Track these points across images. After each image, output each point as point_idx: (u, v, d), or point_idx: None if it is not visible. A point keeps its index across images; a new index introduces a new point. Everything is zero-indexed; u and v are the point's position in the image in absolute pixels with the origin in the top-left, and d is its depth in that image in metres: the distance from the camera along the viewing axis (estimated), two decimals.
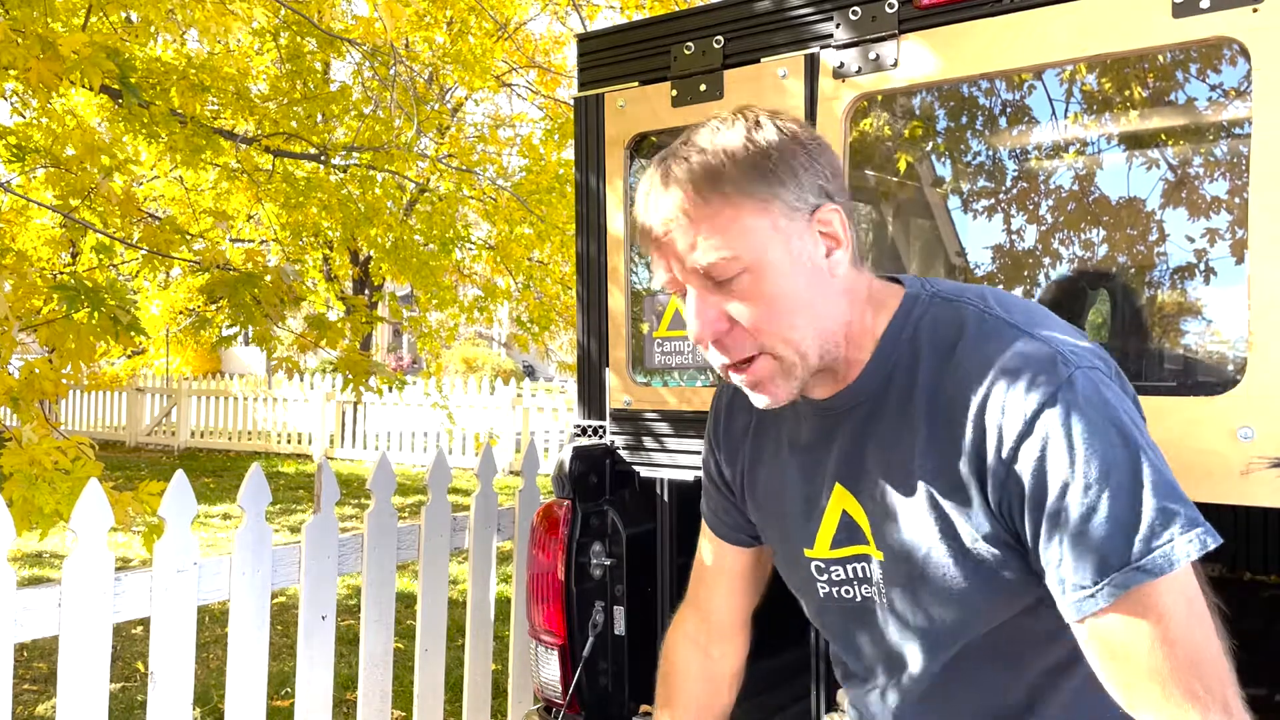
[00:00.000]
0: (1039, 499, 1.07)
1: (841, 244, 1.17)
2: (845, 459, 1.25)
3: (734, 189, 1.13)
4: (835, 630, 1.38)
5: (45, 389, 3.06)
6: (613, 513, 2.51)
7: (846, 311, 1.19)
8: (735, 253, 1.13)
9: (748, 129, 1.16)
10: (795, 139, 1.16)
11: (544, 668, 2.50)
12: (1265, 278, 1.66)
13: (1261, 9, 1.66)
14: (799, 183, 1.15)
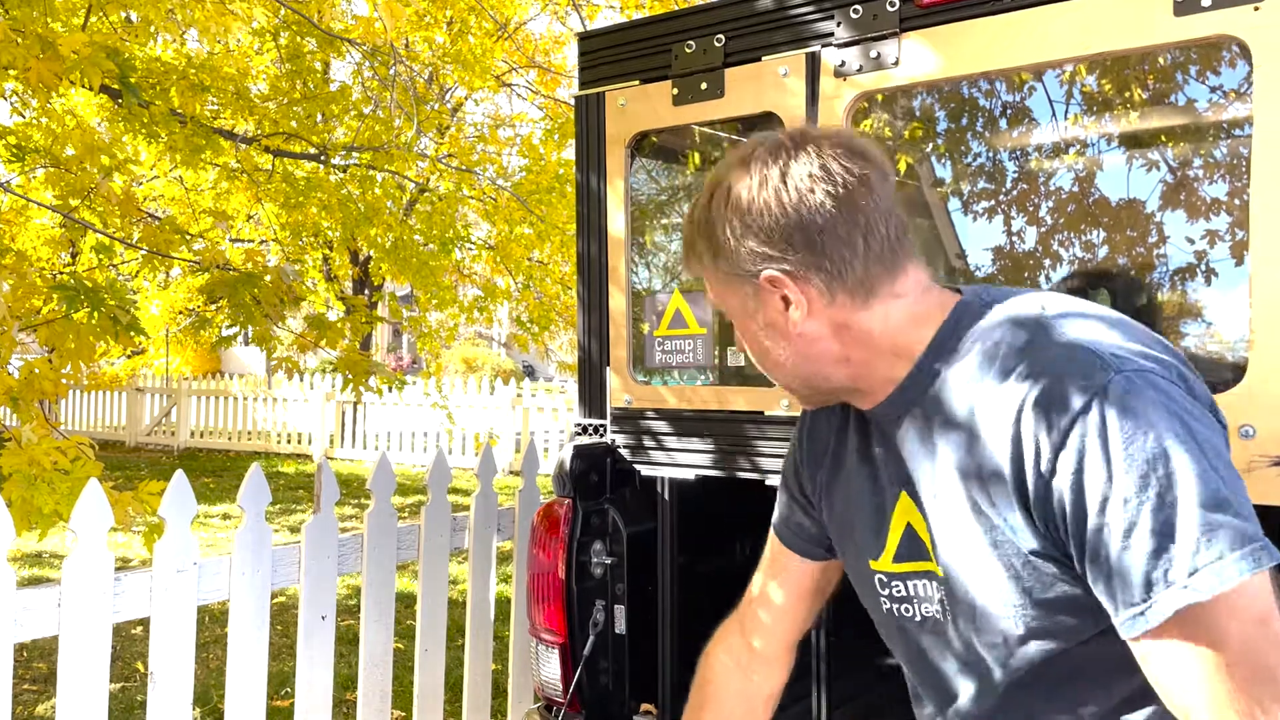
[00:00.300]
0: (1080, 514, 1.04)
1: (793, 303, 1.21)
2: (901, 469, 1.26)
3: (700, 249, 1.27)
4: (898, 648, 1.37)
5: (45, 389, 3.06)
6: (613, 512, 2.50)
7: (835, 350, 1.24)
8: (710, 296, 1.31)
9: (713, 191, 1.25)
10: (738, 203, 1.21)
11: (545, 667, 2.49)
12: (1266, 277, 1.66)
13: (1263, 8, 1.66)
14: (739, 252, 1.22)
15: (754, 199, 1.20)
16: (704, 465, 2.37)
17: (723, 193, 1.23)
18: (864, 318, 1.22)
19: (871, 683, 2.97)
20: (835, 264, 1.19)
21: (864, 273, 1.19)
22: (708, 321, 2.47)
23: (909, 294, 1.22)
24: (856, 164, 1.19)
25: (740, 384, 2.91)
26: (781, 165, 1.19)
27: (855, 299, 1.21)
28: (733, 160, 1.24)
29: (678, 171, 3.75)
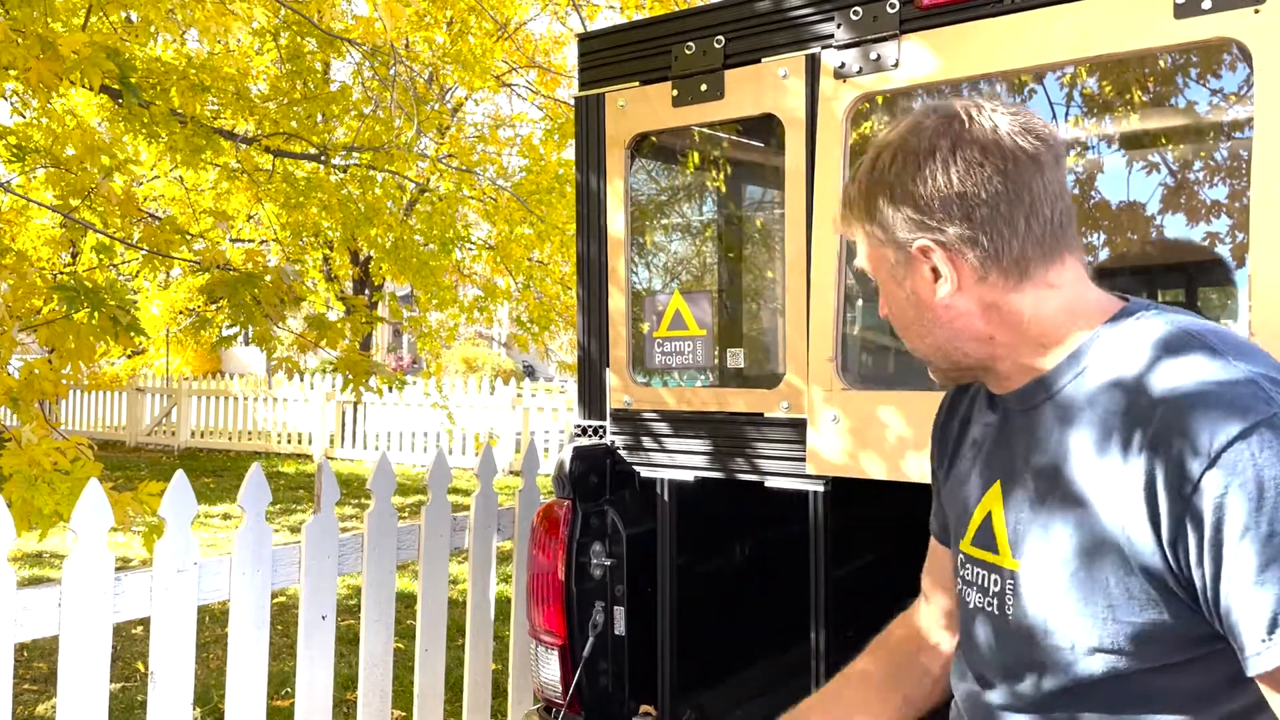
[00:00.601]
0: (1217, 541, 1.00)
1: (942, 276, 1.20)
2: (1008, 460, 1.25)
3: (857, 210, 1.26)
4: (963, 626, 1.36)
5: (45, 389, 3.06)
6: (613, 513, 2.50)
7: (980, 329, 1.22)
8: (863, 264, 1.29)
9: (878, 153, 1.23)
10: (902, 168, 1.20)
11: (544, 668, 2.49)
12: (1266, 277, 1.66)
13: (1263, 10, 1.66)
14: (896, 218, 1.21)
15: (919, 166, 1.18)
16: (703, 466, 2.37)
17: (888, 156, 1.21)
18: (1015, 300, 1.20)
19: None
20: (993, 241, 1.17)
21: (1021, 254, 1.17)
22: (707, 323, 2.47)
23: (1064, 286, 1.20)
24: (1030, 142, 1.17)
25: (740, 385, 2.91)
26: (953, 135, 1.17)
27: (1009, 280, 1.19)
28: (903, 125, 1.22)
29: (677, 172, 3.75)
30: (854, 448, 2.09)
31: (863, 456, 2.08)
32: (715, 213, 3.90)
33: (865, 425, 2.08)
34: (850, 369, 2.14)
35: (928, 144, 1.18)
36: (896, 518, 3.25)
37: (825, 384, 2.13)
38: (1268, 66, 1.66)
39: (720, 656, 2.84)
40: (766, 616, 2.93)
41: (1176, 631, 1.08)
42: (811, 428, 2.15)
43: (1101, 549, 1.10)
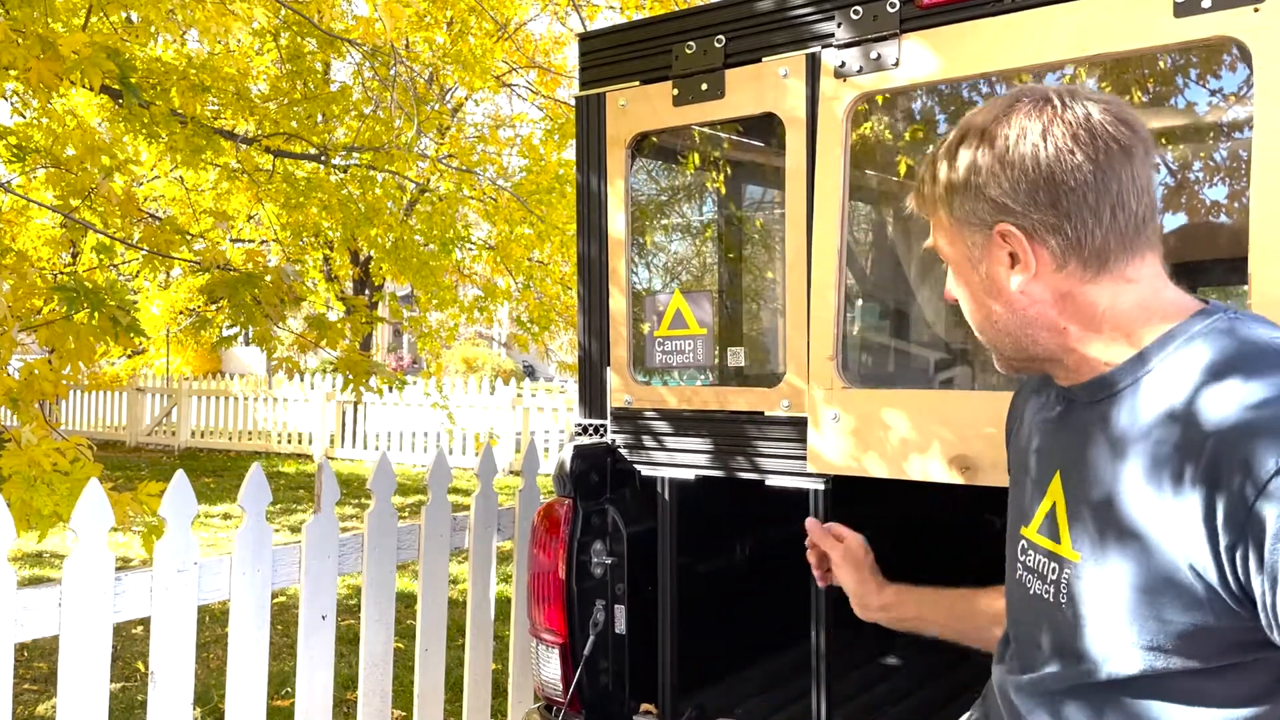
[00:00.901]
0: (1276, 552, 0.98)
1: (1021, 261, 1.20)
2: (1071, 451, 1.24)
3: (936, 190, 1.26)
4: (1013, 611, 1.37)
5: (45, 390, 3.06)
6: (614, 511, 2.51)
7: (1052, 318, 1.22)
8: (937, 245, 1.30)
9: (964, 134, 1.23)
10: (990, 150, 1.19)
11: (545, 666, 2.49)
12: (1266, 276, 1.66)
13: (1263, 9, 1.66)
14: (980, 199, 1.20)
15: (1009, 149, 1.17)
16: (704, 465, 2.37)
17: (975, 137, 1.20)
18: (1091, 291, 1.19)
19: (871, 682, 2.97)
20: (1077, 230, 1.16)
21: (1103, 245, 1.16)
22: (708, 322, 2.47)
23: (1142, 281, 1.19)
24: (1124, 133, 1.16)
25: (740, 384, 2.91)
26: (1046, 120, 1.16)
27: (1087, 270, 1.18)
28: (994, 107, 1.21)
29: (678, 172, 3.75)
30: (855, 446, 2.09)
31: (864, 455, 2.08)
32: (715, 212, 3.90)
33: (866, 424, 2.08)
34: (851, 368, 2.14)
35: (1019, 127, 1.17)
36: (897, 517, 3.25)
37: (826, 383, 2.14)
38: (1268, 66, 1.66)
39: (720, 655, 2.84)
40: (767, 615, 2.93)
41: (1222, 635, 1.07)
42: (812, 427, 2.15)
43: (1158, 550, 1.09)
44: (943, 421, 1.97)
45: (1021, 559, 1.32)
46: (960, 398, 2.01)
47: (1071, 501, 1.22)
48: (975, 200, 1.20)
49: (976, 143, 1.20)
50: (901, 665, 3.11)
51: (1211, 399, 1.07)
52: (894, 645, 3.21)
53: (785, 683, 2.82)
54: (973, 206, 1.21)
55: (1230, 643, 1.08)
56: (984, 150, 1.19)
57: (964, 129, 1.23)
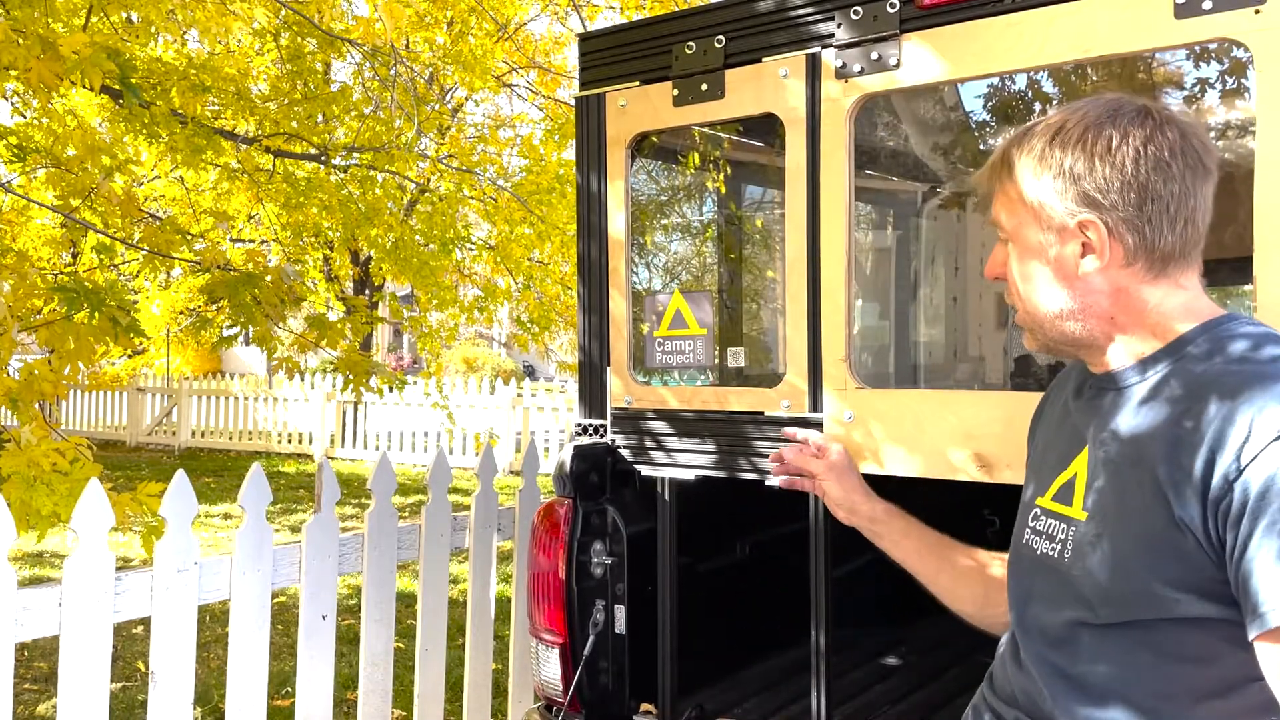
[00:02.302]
0: (1257, 511, 1.11)
1: (1095, 251, 1.29)
2: (1098, 429, 1.34)
3: (1020, 172, 1.33)
4: (1017, 575, 1.45)
5: (44, 390, 3.06)
6: (613, 512, 2.51)
7: (1104, 307, 1.32)
8: (998, 219, 1.38)
9: (1062, 126, 1.30)
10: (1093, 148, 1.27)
11: (545, 666, 2.49)
12: (1269, 277, 1.66)
13: (1264, 10, 1.66)
14: (1067, 188, 1.29)
15: (1111, 149, 1.26)
16: (704, 465, 2.37)
17: (1078, 129, 1.29)
18: (1146, 291, 1.30)
19: (871, 682, 2.97)
20: (1153, 234, 1.27)
21: (1169, 252, 1.28)
22: (708, 322, 2.47)
23: (1189, 289, 1.31)
24: (1208, 158, 1.29)
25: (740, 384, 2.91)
26: (1148, 131, 1.27)
27: (1149, 272, 1.30)
28: (1096, 104, 1.30)
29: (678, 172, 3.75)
30: (869, 446, 2.10)
31: (878, 454, 2.09)
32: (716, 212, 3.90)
33: (881, 424, 2.09)
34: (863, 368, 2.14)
35: (1123, 129, 1.27)
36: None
37: (840, 384, 2.14)
38: (1268, 66, 1.66)
39: (720, 655, 2.84)
40: (767, 615, 2.93)
41: (1205, 587, 1.17)
42: (827, 427, 2.15)
43: (1158, 507, 1.20)
44: (958, 420, 1.97)
45: (1032, 524, 1.42)
46: (975, 397, 2.01)
47: (1091, 471, 1.32)
48: (1067, 188, 1.29)
49: (1078, 137, 1.28)
50: (901, 665, 3.11)
51: (1225, 387, 1.19)
52: (894, 645, 3.21)
53: (785, 683, 2.82)
54: (1062, 193, 1.29)
55: (1211, 594, 1.18)
56: (1085, 145, 1.28)
57: (1062, 118, 1.31)
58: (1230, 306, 3.42)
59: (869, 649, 3.15)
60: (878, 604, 3.15)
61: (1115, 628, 1.26)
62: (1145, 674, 1.25)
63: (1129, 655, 1.26)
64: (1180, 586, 1.19)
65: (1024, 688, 1.39)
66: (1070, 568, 1.31)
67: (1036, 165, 1.31)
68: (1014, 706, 1.41)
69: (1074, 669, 1.31)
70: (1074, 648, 1.31)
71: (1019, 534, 1.46)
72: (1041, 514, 1.40)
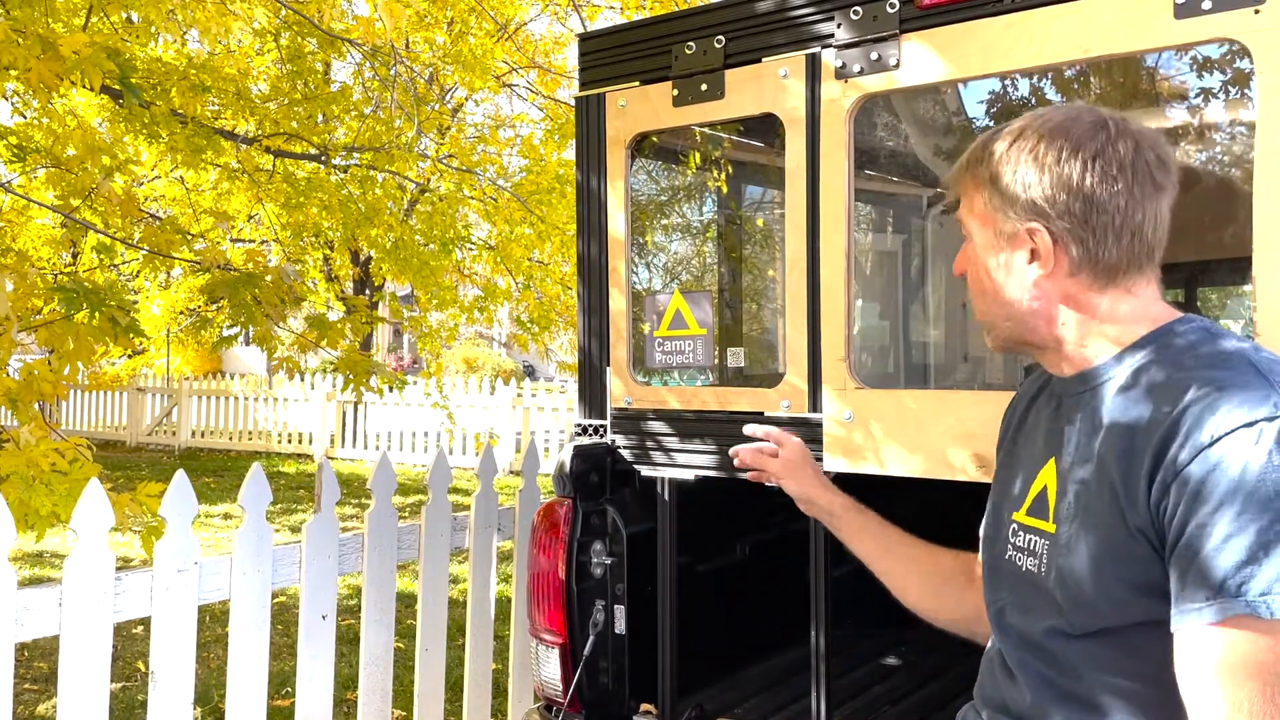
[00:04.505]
0: (1191, 508, 1.13)
1: (1039, 259, 1.33)
2: (1059, 438, 1.37)
3: (982, 174, 1.36)
4: (1002, 590, 1.46)
5: (44, 390, 3.06)
6: (613, 512, 2.51)
7: (1051, 314, 1.35)
8: (964, 219, 1.41)
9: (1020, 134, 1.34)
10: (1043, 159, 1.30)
11: (545, 666, 2.50)
12: (1269, 276, 1.66)
13: (1264, 10, 1.66)
14: (1018, 196, 1.32)
15: (1060, 162, 1.29)
16: (704, 466, 2.37)
17: (1031, 139, 1.32)
18: (1093, 299, 1.33)
19: (871, 682, 2.97)
20: (1097, 246, 1.30)
21: (1115, 264, 1.31)
22: (708, 322, 2.47)
23: (1140, 296, 1.33)
24: (1161, 174, 1.30)
25: (740, 385, 2.91)
26: (1099, 144, 1.29)
27: (1096, 281, 1.32)
28: (1053, 117, 1.33)
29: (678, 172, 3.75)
30: (868, 446, 2.10)
31: (878, 454, 2.09)
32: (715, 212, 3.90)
33: (880, 423, 2.09)
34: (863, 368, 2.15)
35: (1074, 141, 1.29)
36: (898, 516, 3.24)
37: (839, 383, 2.14)
38: (1268, 67, 1.66)
39: (720, 655, 2.84)
40: (767, 615, 2.93)
41: (1165, 592, 1.19)
42: (827, 427, 2.15)
43: (1117, 516, 1.23)
44: (958, 420, 1.97)
45: (1012, 540, 1.43)
46: (975, 397, 2.01)
47: (1060, 483, 1.35)
48: (1015, 199, 1.32)
49: (1031, 146, 1.31)
50: (901, 665, 3.11)
51: (1170, 391, 1.21)
52: (894, 645, 3.21)
53: (785, 683, 2.82)
54: (1013, 199, 1.33)
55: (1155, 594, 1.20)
56: (1036, 155, 1.31)
57: (1021, 129, 1.34)
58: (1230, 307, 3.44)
59: (869, 649, 3.15)
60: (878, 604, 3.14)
61: (1091, 636, 1.28)
62: (1124, 680, 1.26)
63: (1107, 663, 1.27)
64: (1144, 591, 1.21)
65: (1013, 696, 1.41)
66: (1047, 580, 1.33)
67: (996, 170, 1.35)
68: (1005, 715, 1.42)
69: (1059, 678, 1.32)
70: (1056, 656, 1.32)
71: (999, 548, 1.46)
72: (1020, 530, 1.42)
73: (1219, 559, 1.11)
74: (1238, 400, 1.15)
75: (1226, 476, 1.12)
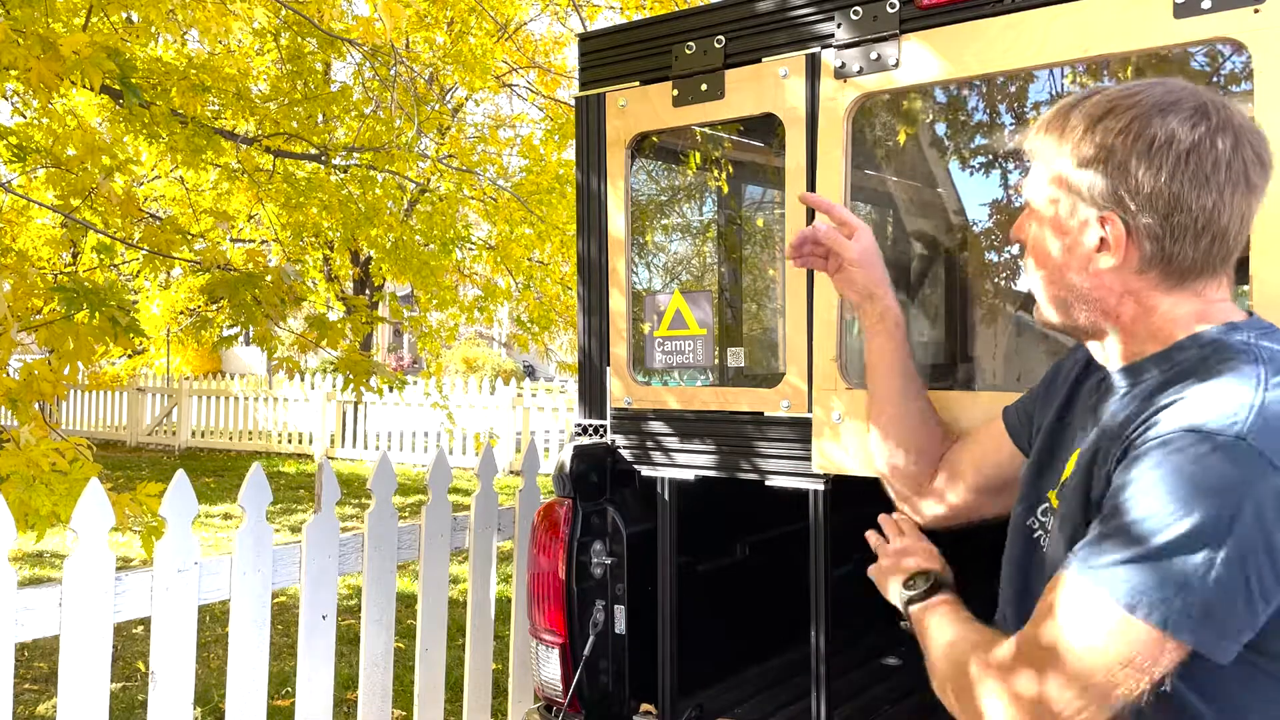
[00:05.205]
0: (1115, 494, 1.13)
1: (1109, 249, 1.23)
2: (1091, 422, 1.34)
3: (1069, 149, 1.24)
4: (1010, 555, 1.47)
5: (44, 390, 3.06)
6: (613, 512, 2.51)
7: (1110, 305, 1.27)
8: (1032, 190, 1.30)
9: (1112, 107, 1.22)
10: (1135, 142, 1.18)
11: (545, 667, 2.49)
12: (1267, 280, 1.66)
13: (1263, 10, 1.66)
14: (1096, 180, 1.22)
15: (1150, 151, 1.18)
16: (704, 466, 2.37)
17: (1122, 122, 1.20)
18: (1157, 297, 1.24)
19: (871, 682, 2.97)
20: (1173, 245, 1.20)
21: (1189, 266, 1.21)
22: (708, 322, 2.47)
23: (1205, 298, 1.24)
24: (1256, 173, 1.20)
25: (740, 384, 2.91)
26: (1196, 137, 1.17)
27: (1164, 281, 1.23)
28: (1150, 94, 1.20)
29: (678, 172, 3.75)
30: (859, 447, 2.10)
31: (867, 455, 2.09)
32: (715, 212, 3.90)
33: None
34: (855, 368, 2.15)
35: (1169, 131, 1.17)
36: None
37: (831, 383, 2.14)
38: (1268, 67, 1.66)
39: (720, 655, 2.84)
40: (767, 615, 2.93)
41: None
42: (817, 427, 2.15)
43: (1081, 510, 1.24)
44: (952, 420, 1.97)
45: (1043, 518, 1.42)
46: (970, 397, 2.01)
47: (1075, 467, 1.33)
48: (1094, 180, 1.22)
49: (1121, 127, 1.20)
50: (901, 665, 3.11)
51: (1174, 388, 1.17)
52: (894, 645, 3.21)
53: (785, 683, 2.82)
54: (1090, 182, 1.22)
55: None
56: (1124, 139, 1.19)
57: (1112, 104, 1.22)
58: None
59: (869, 649, 3.15)
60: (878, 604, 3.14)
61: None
62: None
63: None
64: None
65: None
66: (1045, 551, 1.35)
67: (1075, 146, 1.24)
68: None
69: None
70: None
71: (1025, 521, 1.45)
72: (1049, 510, 1.41)
73: (1102, 527, 1.13)
74: (1207, 408, 1.10)
75: (1157, 477, 1.09)
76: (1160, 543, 1.07)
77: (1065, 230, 1.27)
